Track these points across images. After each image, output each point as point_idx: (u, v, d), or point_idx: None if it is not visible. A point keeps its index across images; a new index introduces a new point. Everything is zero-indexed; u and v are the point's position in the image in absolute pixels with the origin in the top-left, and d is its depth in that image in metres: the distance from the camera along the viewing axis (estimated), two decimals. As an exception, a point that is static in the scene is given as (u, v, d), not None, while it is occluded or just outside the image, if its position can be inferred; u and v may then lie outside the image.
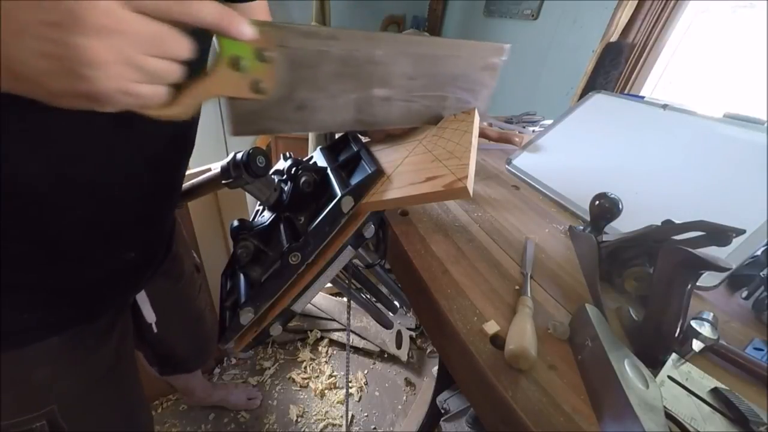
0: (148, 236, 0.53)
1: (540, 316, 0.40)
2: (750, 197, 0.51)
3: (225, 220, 1.15)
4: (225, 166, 0.45)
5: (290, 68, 0.32)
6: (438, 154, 0.44)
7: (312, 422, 1.22)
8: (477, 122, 0.49)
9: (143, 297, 0.62)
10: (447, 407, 0.92)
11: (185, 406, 1.22)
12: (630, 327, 0.39)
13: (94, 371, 0.51)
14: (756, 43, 1.05)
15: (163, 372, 0.87)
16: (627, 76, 1.33)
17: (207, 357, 0.91)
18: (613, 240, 0.47)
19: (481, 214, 0.60)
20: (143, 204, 0.47)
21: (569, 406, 0.31)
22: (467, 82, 0.51)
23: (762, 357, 0.38)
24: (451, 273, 0.46)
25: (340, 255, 0.44)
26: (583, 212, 0.60)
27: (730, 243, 0.37)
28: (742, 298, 0.47)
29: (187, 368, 0.92)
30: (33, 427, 0.45)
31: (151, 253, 0.56)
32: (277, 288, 0.44)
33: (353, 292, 0.60)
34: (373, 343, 1.43)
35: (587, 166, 0.71)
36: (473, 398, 0.40)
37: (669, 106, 0.71)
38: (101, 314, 0.50)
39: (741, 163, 0.56)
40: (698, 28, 1.23)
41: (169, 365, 0.85)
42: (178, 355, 0.82)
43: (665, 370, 0.33)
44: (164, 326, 0.68)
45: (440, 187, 0.38)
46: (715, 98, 1.19)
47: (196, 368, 0.96)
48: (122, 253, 0.48)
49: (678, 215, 0.42)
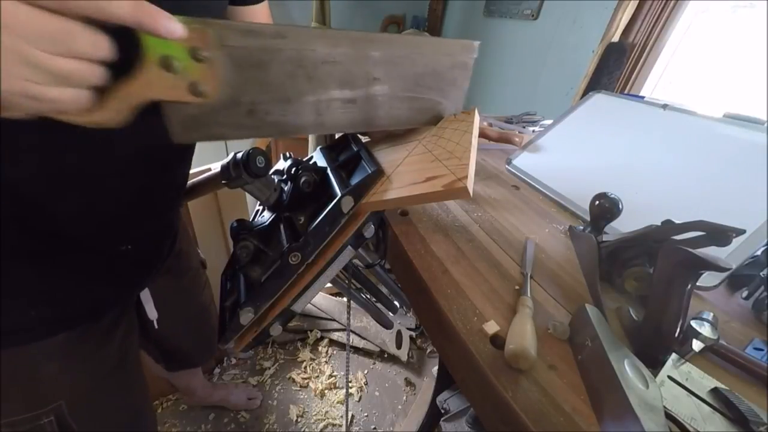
0: (146, 231, 0.53)
1: (540, 316, 0.40)
2: (750, 197, 0.51)
3: (225, 220, 1.15)
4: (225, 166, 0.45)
5: (236, 69, 0.30)
6: (438, 154, 0.44)
7: (312, 422, 1.21)
8: (477, 122, 0.49)
9: (147, 295, 0.62)
10: (447, 407, 0.92)
11: (185, 406, 1.22)
12: (630, 327, 0.39)
13: (100, 368, 0.51)
14: (756, 43, 1.05)
15: (170, 368, 0.87)
16: (627, 76, 1.33)
17: (212, 351, 0.92)
18: (613, 240, 0.47)
19: (481, 214, 0.59)
20: (138, 197, 0.47)
21: (569, 406, 0.31)
22: (436, 81, 0.48)
23: (762, 357, 0.38)
24: (451, 273, 0.46)
25: (340, 255, 0.44)
26: (583, 212, 0.60)
27: (730, 243, 0.37)
28: (742, 298, 0.47)
29: (193, 363, 0.93)
30: (41, 423, 0.45)
31: (152, 249, 0.56)
32: (277, 288, 0.44)
33: (353, 292, 0.60)
34: (373, 343, 1.43)
35: (587, 166, 0.71)
36: (473, 398, 0.40)
37: (669, 106, 0.71)
38: (106, 311, 0.50)
39: (741, 163, 0.55)
40: (698, 28, 1.23)
41: (175, 360, 0.86)
42: (184, 350, 0.83)
43: (665, 370, 0.33)
44: (167, 323, 0.68)
45: (440, 187, 0.38)
46: (715, 98, 1.19)
47: (202, 363, 0.97)
48: (117, 245, 0.48)
49: (678, 215, 0.42)
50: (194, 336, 0.82)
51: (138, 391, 0.61)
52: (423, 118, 0.50)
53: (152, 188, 0.48)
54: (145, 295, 0.61)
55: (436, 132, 0.50)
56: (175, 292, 0.70)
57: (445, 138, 0.47)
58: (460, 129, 0.47)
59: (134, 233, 0.50)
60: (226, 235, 1.18)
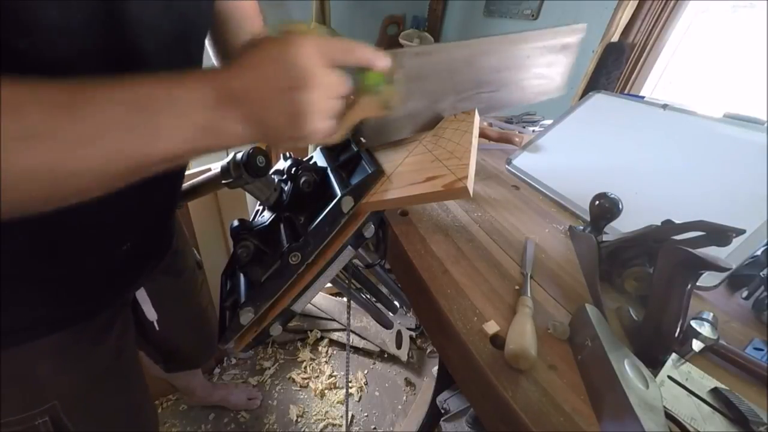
0: (144, 230, 0.53)
1: (540, 316, 0.40)
2: (750, 197, 0.51)
3: (225, 220, 1.15)
4: (225, 166, 0.45)
5: (407, 83, 0.40)
6: (438, 154, 0.44)
7: (312, 422, 1.21)
8: (477, 122, 0.49)
9: (143, 295, 0.62)
10: (447, 407, 0.92)
11: (185, 406, 1.22)
12: (630, 327, 0.39)
13: (95, 367, 0.51)
14: (756, 43, 1.05)
15: (169, 369, 0.87)
16: (627, 76, 1.33)
17: (212, 352, 0.92)
18: (613, 240, 0.47)
19: (481, 214, 0.59)
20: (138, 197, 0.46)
21: (569, 406, 0.31)
22: (542, 66, 0.61)
23: (762, 357, 0.38)
24: (451, 273, 0.46)
25: (340, 255, 0.44)
26: (583, 212, 0.60)
27: (730, 243, 0.37)
28: (742, 298, 0.47)
29: (193, 364, 0.92)
30: (36, 424, 0.45)
31: (148, 247, 0.56)
32: (277, 288, 0.44)
33: (353, 292, 0.60)
34: (373, 343, 1.43)
35: (587, 166, 0.71)
36: (473, 398, 0.40)
37: (669, 106, 0.71)
38: (100, 310, 0.50)
39: (741, 163, 0.55)
40: (698, 28, 1.23)
41: (174, 361, 0.85)
42: (184, 351, 0.82)
43: (665, 370, 0.33)
44: (167, 323, 0.68)
45: (440, 187, 0.38)
46: (715, 98, 1.19)
47: (202, 363, 0.97)
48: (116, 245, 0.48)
49: (678, 215, 0.42)
50: (193, 336, 0.81)
51: (136, 390, 0.61)
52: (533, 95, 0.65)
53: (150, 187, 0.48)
54: (142, 295, 0.61)
55: (436, 132, 0.50)
56: (173, 292, 0.70)
57: (445, 138, 0.47)
58: (461, 129, 0.47)
59: (132, 233, 0.50)
60: (226, 235, 1.18)
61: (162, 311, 0.66)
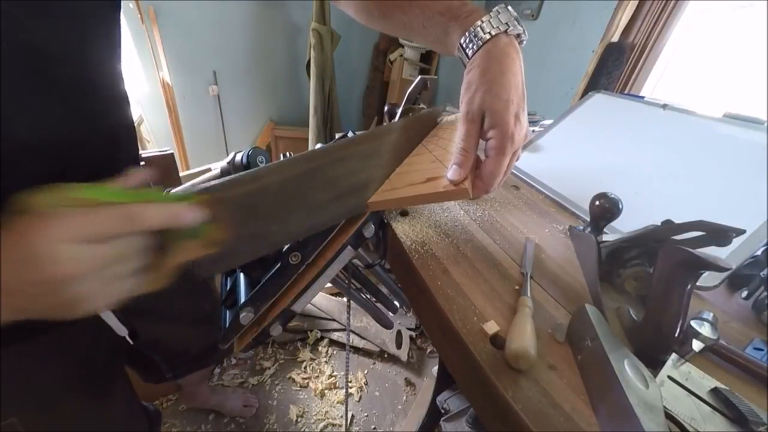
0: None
1: (540, 316, 0.40)
2: (750, 197, 0.51)
3: (225, 221, 1.15)
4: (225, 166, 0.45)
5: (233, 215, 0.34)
6: (438, 155, 0.44)
7: (312, 422, 1.21)
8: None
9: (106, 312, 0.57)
10: (447, 407, 0.92)
11: (185, 406, 1.22)
12: (630, 327, 0.39)
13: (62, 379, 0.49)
14: (756, 43, 1.05)
15: (177, 375, 0.86)
16: (627, 76, 1.33)
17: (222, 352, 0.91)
18: (613, 240, 0.47)
19: (481, 214, 0.60)
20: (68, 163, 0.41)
21: (569, 406, 0.31)
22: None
23: (762, 357, 0.38)
24: (451, 273, 0.46)
25: (340, 255, 0.44)
26: (583, 212, 0.60)
27: (730, 243, 0.37)
28: (742, 298, 0.47)
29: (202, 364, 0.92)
30: None
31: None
32: (277, 288, 0.44)
33: (353, 292, 0.60)
34: (373, 343, 1.43)
35: (587, 166, 0.71)
36: (473, 398, 0.40)
37: (669, 106, 0.71)
38: (51, 327, 0.46)
39: (741, 163, 0.56)
40: (698, 28, 1.23)
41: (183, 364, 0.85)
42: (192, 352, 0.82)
43: (665, 370, 0.33)
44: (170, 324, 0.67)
45: (441, 187, 0.38)
46: (715, 98, 1.19)
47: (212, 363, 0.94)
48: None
49: (678, 215, 0.42)
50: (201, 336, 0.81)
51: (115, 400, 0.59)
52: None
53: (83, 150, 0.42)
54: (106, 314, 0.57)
55: (436, 133, 0.50)
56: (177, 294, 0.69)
57: (445, 138, 0.47)
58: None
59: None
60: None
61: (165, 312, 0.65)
